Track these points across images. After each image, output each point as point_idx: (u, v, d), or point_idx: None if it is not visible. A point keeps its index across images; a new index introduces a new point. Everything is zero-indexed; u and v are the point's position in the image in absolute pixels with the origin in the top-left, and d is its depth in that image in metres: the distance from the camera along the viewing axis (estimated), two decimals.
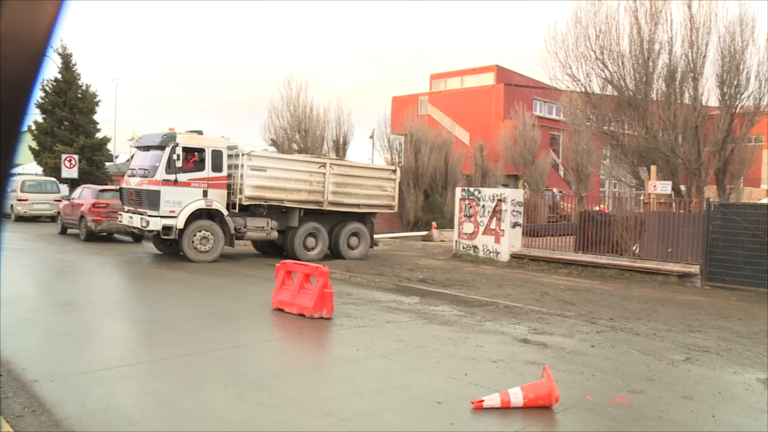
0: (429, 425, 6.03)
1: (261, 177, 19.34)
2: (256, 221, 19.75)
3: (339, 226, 21.36)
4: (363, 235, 21.93)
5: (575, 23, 23.37)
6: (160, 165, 18.13)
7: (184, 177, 18.29)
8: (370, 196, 21.79)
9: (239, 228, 19.33)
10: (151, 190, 18.22)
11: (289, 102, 36.58)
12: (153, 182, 18.21)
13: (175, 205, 18.20)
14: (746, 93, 21.85)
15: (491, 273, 18.57)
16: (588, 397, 6.97)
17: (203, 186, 18.70)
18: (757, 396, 7.37)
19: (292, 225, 20.38)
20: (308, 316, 10.90)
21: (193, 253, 18.59)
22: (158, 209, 18.05)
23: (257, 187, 19.26)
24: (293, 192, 19.96)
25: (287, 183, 19.84)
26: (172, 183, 18.10)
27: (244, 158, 19.06)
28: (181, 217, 18.24)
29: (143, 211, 18.47)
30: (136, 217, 18.72)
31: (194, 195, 18.54)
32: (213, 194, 18.86)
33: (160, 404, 6.36)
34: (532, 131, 39.98)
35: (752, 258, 16.38)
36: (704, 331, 11.14)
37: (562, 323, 11.45)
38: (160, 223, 18.02)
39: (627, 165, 24.45)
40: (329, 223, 21.21)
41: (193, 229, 18.58)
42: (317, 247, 20.82)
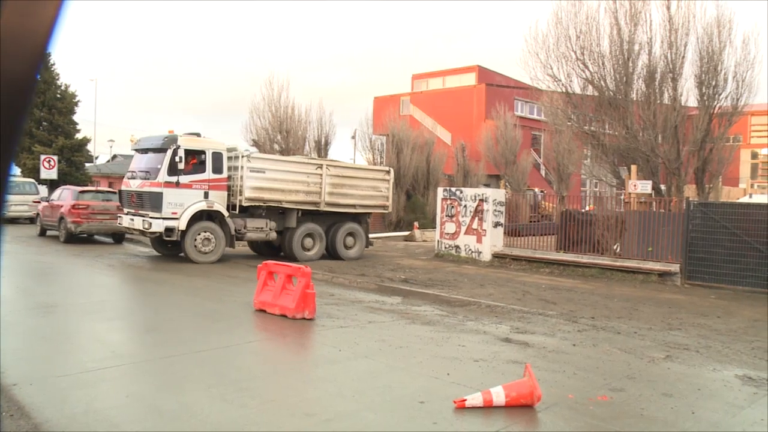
0: (412, 425, 6.03)
1: (260, 178, 19.55)
2: (256, 222, 19.97)
3: (335, 226, 21.62)
4: (359, 234, 22.23)
5: (556, 24, 23.49)
6: (162, 167, 18.28)
7: (185, 179, 18.45)
8: (365, 197, 22.15)
9: (239, 229, 19.53)
10: (154, 192, 18.35)
11: (270, 102, 36.48)
12: (155, 184, 18.35)
13: (177, 207, 18.36)
14: (724, 93, 22.08)
15: (473, 273, 18.62)
16: (570, 396, 7.01)
17: (204, 188, 18.86)
18: (736, 392, 7.44)
19: (290, 226, 20.63)
20: (290, 316, 10.87)
21: (195, 255, 18.73)
22: (160, 211, 18.20)
23: (257, 189, 19.47)
24: (291, 193, 20.23)
25: (285, 184, 20.09)
26: (174, 185, 18.26)
27: (243, 160, 19.28)
28: (183, 218, 18.40)
29: (145, 213, 18.63)
30: (137, 219, 18.85)
31: (196, 197, 18.72)
32: (214, 196, 19.04)
33: (142, 406, 6.32)
34: (514, 131, 40.12)
35: (731, 256, 16.54)
36: (684, 329, 11.23)
37: (543, 322, 11.50)
38: (163, 224, 18.16)
39: (608, 164, 24.60)
40: (326, 223, 21.48)
41: (195, 231, 18.75)
42: (315, 247, 21.11)
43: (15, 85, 1.26)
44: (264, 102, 36.58)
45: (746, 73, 21.86)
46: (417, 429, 5.94)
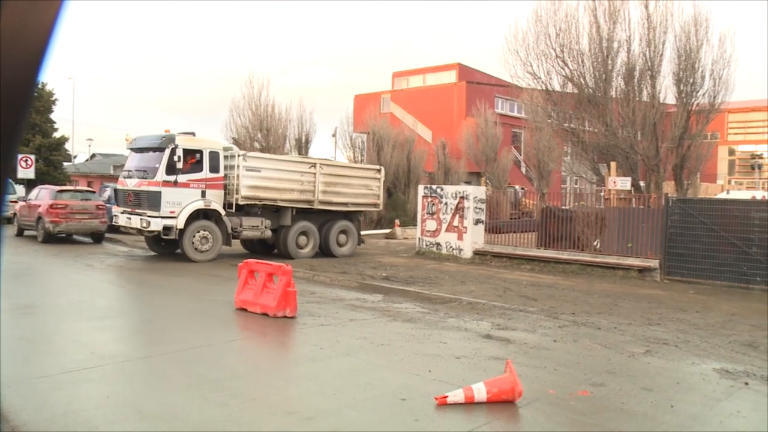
0: (393, 422, 6.03)
1: (256, 177, 19.77)
2: (251, 220, 20.16)
3: (328, 224, 21.90)
4: (351, 232, 22.57)
5: (536, 21, 23.58)
6: (160, 166, 18.37)
7: (183, 178, 18.58)
8: (357, 195, 22.50)
9: (236, 227, 19.72)
10: (152, 191, 18.44)
11: (250, 101, 36.41)
12: (153, 183, 18.44)
13: (175, 206, 18.47)
14: (702, 91, 22.29)
15: (454, 270, 18.65)
16: (551, 391, 7.04)
17: (201, 187, 19.03)
18: (713, 386, 7.52)
19: (284, 224, 20.86)
20: (271, 315, 10.84)
21: (193, 253, 18.86)
22: (159, 210, 18.30)
23: (252, 188, 19.69)
24: (286, 192, 20.49)
25: (280, 183, 20.36)
26: (172, 184, 18.38)
27: (239, 159, 19.52)
28: (181, 217, 18.51)
29: (143, 211, 18.68)
30: (134, 218, 18.93)
31: (193, 195, 18.85)
32: (211, 194, 19.22)
33: (123, 407, 6.27)
34: (494, 129, 40.22)
35: (709, 252, 16.70)
36: (663, 324, 11.32)
37: (524, 319, 11.55)
38: (161, 223, 18.27)
39: (588, 161, 24.75)
40: (319, 221, 21.74)
41: (193, 229, 18.89)
42: (309, 245, 21.39)
43: (15, 85, 1.25)
44: (244, 100, 36.53)
45: (723, 71, 22.09)
46: (398, 426, 5.94)
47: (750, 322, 11.86)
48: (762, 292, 15.53)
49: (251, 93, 36.43)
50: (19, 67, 1.24)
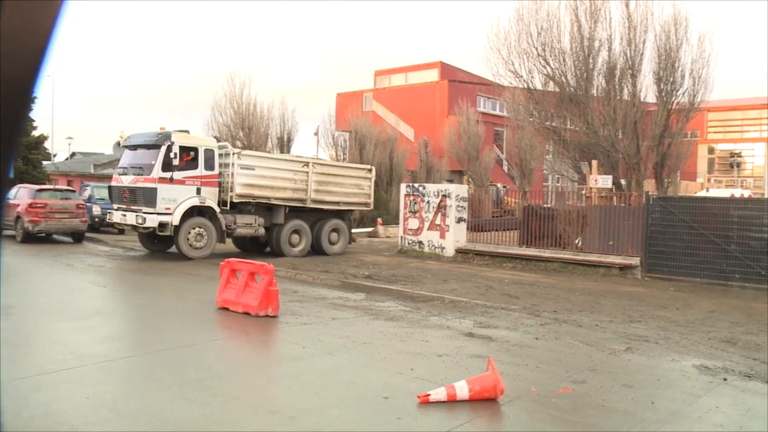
0: (376, 420, 6.03)
1: (250, 175, 19.97)
2: (245, 218, 20.36)
3: (320, 223, 22.20)
4: (342, 231, 22.91)
5: (517, 20, 23.70)
6: (156, 163, 18.48)
7: (179, 175, 18.71)
8: (348, 194, 22.80)
9: (229, 225, 19.91)
10: (148, 188, 18.54)
11: (232, 99, 36.31)
12: (149, 180, 18.55)
13: (170, 203, 18.58)
14: (681, 90, 22.51)
15: (437, 268, 18.68)
16: (533, 389, 7.07)
17: (197, 184, 19.16)
18: (693, 382, 7.58)
19: (277, 222, 21.11)
20: (253, 314, 10.80)
21: (188, 250, 19.01)
22: (155, 206, 18.40)
23: (247, 185, 19.88)
24: (279, 190, 20.73)
25: (274, 181, 20.57)
26: (167, 181, 18.51)
27: (234, 157, 19.69)
28: (176, 214, 18.63)
29: (138, 208, 18.79)
30: (130, 214, 18.98)
31: (188, 192, 18.98)
32: (206, 192, 19.34)
33: (103, 407, 6.21)
34: (476, 127, 40.29)
35: (689, 249, 16.84)
36: (644, 321, 11.41)
37: (506, 317, 11.58)
38: (157, 220, 18.38)
39: (569, 160, 24.89)
40: (311, 220, 21.97)
41: (189, 226, 19.04)
42: (301, 243, 21.64)
43: (15, 85, 1.25)
44: (226, 99, 36.43)
45: (702, 70, 22.33)
46: (381, 424, 5.94)
47: (729, 318, 11.97)
48: (741, 289, 15.70)
49: (233, 91, 36.36)
50: (19, 68, 1.24)
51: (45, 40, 1.26)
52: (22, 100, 1.28)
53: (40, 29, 1.25)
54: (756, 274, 15.92)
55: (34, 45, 1.25)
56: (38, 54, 1.26)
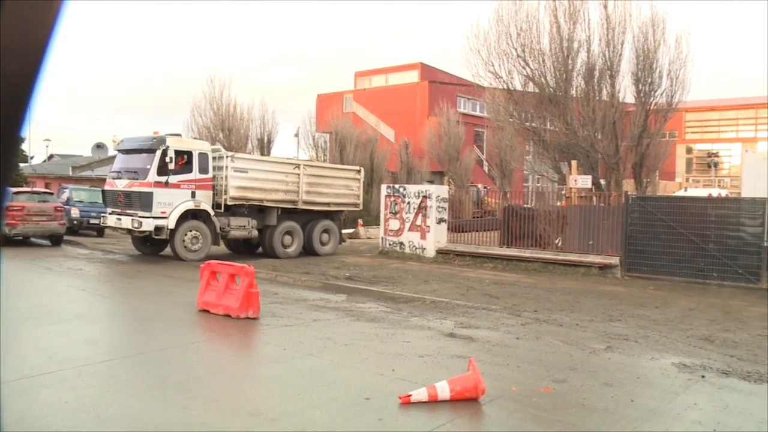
0: (357, 421, 6.03)
1: (243, 178, 20.20)
2: (239, 221, 20.58)
3: (311, 223, 22.54)
4: (333, 231, 23.31)
5: (497, 21, 23.76)
6: (151, 167, 18.60)
7: (174, 179, 18.86)
8: (338, 195, 23.19)
9: (224, 227, 20.11)
10: (144, 192, 18.65)
11: (212, 100, 36.13)
12: (145, 184, 18.66)
13: (166, 206, 18.73)
14: (659, 90, 22.70)
15: (417, 269, 18.70)
16: (513, 388, 7.09)
17: (191, 187, 19.33)
18: (672, 379, 7.65)
19: (269, 224, 21.37)
20: (234, 316, 10.76)
21: (184, 252, 19.12)
22: (150, 210, 18.55)
23: (240, 188, 20.12)
24: (272, 192, 21.00)
25: (266, 183, 20.85)
26: (163, 185, 18.64)
27: (227, 160, 19.89)
28: (172, 217, 18.77)
29: (134, 212, 18.90)
30: (125, 218, 19.14)
31: (183, 196, 19.15)
32: (200, 195, 19.55)
33: (82, 412, 6.15)
34: (457, 128, 40.34)
35: (668, 248, 16.99)
36: (624, 320, 11.49)
37: (487, 317, 11.62)
38: (153, 223, 18.52)
39: (549, 160, 25.01)
40: (302, 221, 22.29)
41: (184, 230, 19.18)
42: (294, 244, 21.96)
43: (15, 85, 1.25)
44: (205, 100, 36.25)
45: (679, 71, 22.53)
46: (362, 425, 5.93)
47: (707, 316, 12.10)
48: (718, 288, 15.86)
49: (213, 92, 36.20)
50: (19, 68, 1.24)
51: (45, 39, 1.26)
52: (22, 100, 1.28)
53: (41, 29, 1.25)
54: (733, 273, 16.10)
55: (35, 45, 1.25)
56: (39, 54, 1.26)
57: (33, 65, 1.26)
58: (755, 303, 13.94)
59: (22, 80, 1.26)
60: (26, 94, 1.28)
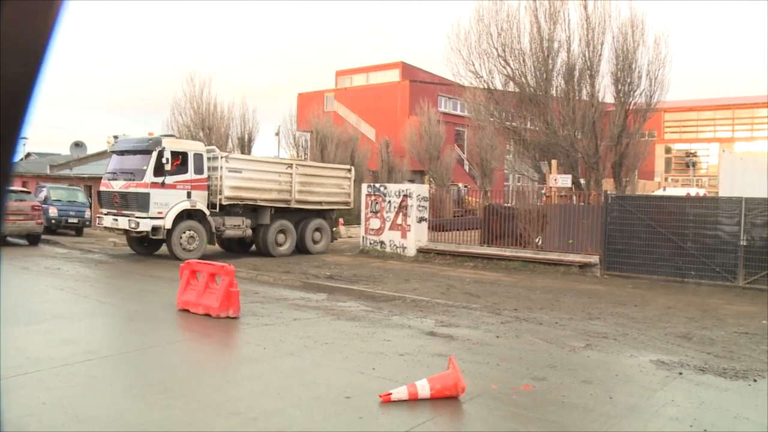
0: (337, 420, 6.03)
1: (238, 178, 20.55)
2: (233, 220, 20.94)
3: (303, 222, 22.90)
4: (325, 230, 23.66)
5: (478, 21, 23.82)
6: (148, 168, 18.82)
7: (170, 179, 19.08)
8: (330, 194, 23.54)
9: (219, 227, 20.45)
10: (141, 193, 18.87)
11: (192, 99, 35.89)
12: (141, 185, 18.88)
13: (162, 207, 18.97)
14: (639, 90, 22.85)
15: (398, 268, 18.73)
16: (493, 386, 7.12)
17: (187, 188, 19.58)
18: (650, 377, 7.72)
19: (263, 223, 21.71)
20: (214, 316, 10.72)
21: (181, 252, 19.20)
22: (147, 211, 18.78)
23: (235, 188, 20.45)
24: (265, 191, 21.35)
25: (260, 183, 21.21)
26: (159, 185, 18.90)
27: (222, 161, 20.21)
28: (168, 217, 19.01)
29: (130, 213, 19.10)
30: (122, 219, 19.30)
31: (179, 196, 19.38)
32: (196, 195, 19.80)
33: (60, 413, 6.09)
34: (437, 127, 40.31)
35: (647, 247, 17.13)
36: (603, 319, 11.57)
37: (467, 315, 11.65)
38: (150, 224, 18.74)
39: (529, 159, 25.10)
40: (295, 220, 22.65)
41: (181, 230, 19.46)
42: (287, 242, 22.36)
43: (15, 86, 1.25)
44: (186, 98, 36.00)
45: (658, 71, 22.69)
46: (343, 424, 5.94)
47: (685, 314, 12.21)
48: (696, 286, 16.03)
49: (193, 91, 35.96)
50: (19, 68, 1.24)
51: (45, 39, 1.26)
52: (22, 101, 1.28)
53: (41, 29, 1.25)
54: (711, 271, 16.26)
55: (35, 45, 1.25)
56: (39, 54, 1.26)
57: (33, 66, 1.27)
58: (732, 301, 14.11)
59: (23, 81, 1.26)
60: (26, 95, 1.28)
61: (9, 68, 1.22)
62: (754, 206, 16.00)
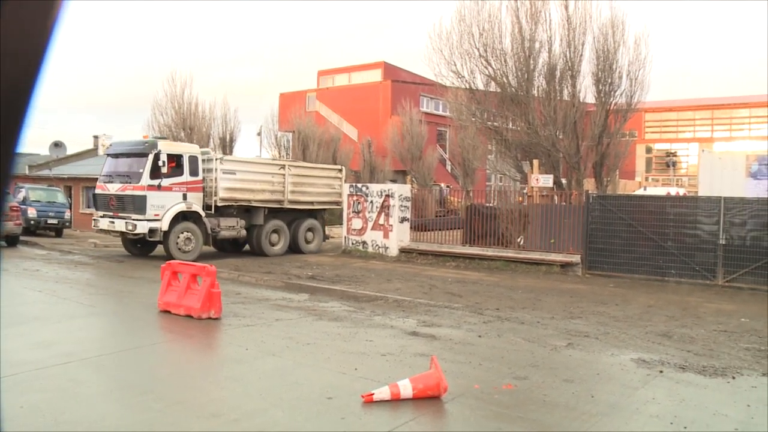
0: (320, 421, 6.01)
1: (232, 180, 20.80)
2: (228, 221, 21.16)
3: (296, 222, 23.15)
4: (317, 230, 24.01)
5: (459, 21, 23.85)
6: (144, 171, 18.99)
7: (166, 182, 19.29)
8: (321, 194, 23.81)
9: (214, 228, 20.66)
10: (138, 195, 19.01)
11: (173, 99, 35.69)
12: (138, 188, 19.02)
13: (159, 209, 19.16)
14: (619, 91, 22.97)
15: (380, 268, 18.72)
16: (475, 386, 7.13)
17: (183, 190, 19.77)
18: (631, 375, 7.77)
19: (257, 223, 22.00)
20: (196, 317, 10.66)
21: (177, 253, 19.22)
22: (144, 213, 18.94)
23: (229, 189, 20.70)
24: (259, 192, 21.64)
25: (254, 184, 21.49)
26: (156, 188, 19.07)
27: (216, 162, 20.52)
28: (165, 219, 19.19)
29: (127, 215, 19.23)
30: (118, 221, 19.44)
31: (175, 198, 19.58)
32: (191, 197, 20.00)
33: (38, 417, 6.01)
34: (419, 127, 40.34)
35: (628, 246, 17.23)
36: (585, 318, 11.62)
37: (450, 315, 11.67)
38: (147, 226, 18.92)
39: (511, 159, 25.17)
40: (288, 220, 22.90)
41: (177, 231, 19.57)
42: (280, 242, 22.66)
43: (15, 86, 1.24)
44: (167, 98, 35.78)
45: (638, 71, 22.83)
46: (325, 425, 5.92)
47: (665, 313, 12.30)
48: (676, 284, 16.15)
49: (174, 91, 35.75)
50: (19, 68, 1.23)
51: (46, 39, 1.25)
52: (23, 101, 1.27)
53: (41, 29, 1.24)
54: (690, 270, 16.39)
55: (35, 45, 1.24)
56: (39, 54, 1.25)
57: (33, 66, 1.25)
58: (711, 299, 14.23)
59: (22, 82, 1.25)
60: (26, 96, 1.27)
61: (9, 69, 1.21)
62: (732, 205, 16.16)
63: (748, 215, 15.96)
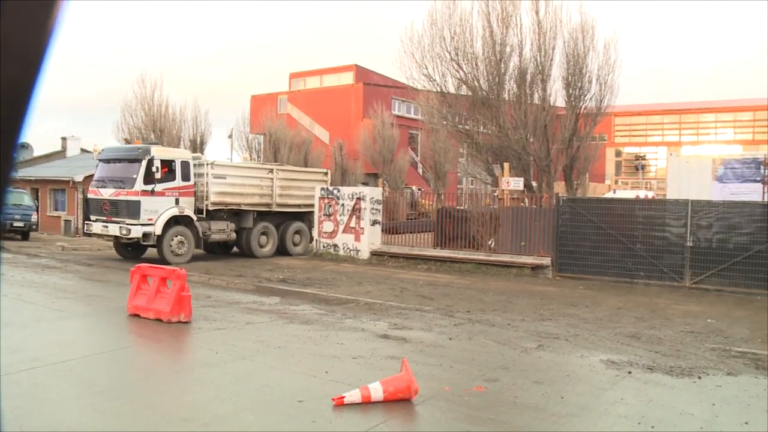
0: (290, 424, 6.00)
1: (223, 184, 21.22)
2: (219, 224, 21.53)
3: (284, 225, 23.63)
4: (304, 232, 24.39)
5: (431, 24, 23.93)
6: (138, 176, 19.26)
7: (159, 187, 19.57)
8: (307, 197, 23.81)
9: (205, 231, 21.02)
10: (131, 201, 19.28)
11: (143, 100, 35.38)
12: (132, 193, 19.31)
13: (152, 214, 19.41)
14: (589, 95, 23.23)
15: (352, 271, 18.70)
16: (446, 388, 7.16)
17: (175, 194, 20.10)
18: (600, 376, 7.85)
19: (246, 226, 22.38)
20: (166, 320, 10.58)
21: (171, 257, 19.59)
22: (138, 218, 19.19)
23: (220, 193, 21.10)
24: (248, 196, 22.11)
25: (244, 188, 21.97)
26: (149, 193, 19.35)
27: (207, 167, 20.88)
28: (158, 224, 19.46)
29: (121, 220, 19.47)
30: (112, 226, 19.61)
31: (168, 203, 19.88)
32: (183, 202, 20.29)
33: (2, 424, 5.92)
34: (391, 130, 40.37)
35: (597, 249, 17.40)
36: (555, 320, 11.71)
37: (421, 318, 11.69)
38: (141, 230, 19.16)
39: (482, 162, 25.30)
40: (276, 222, 23.36)
41: (170, 235, 19.86)
42: (269, 244, 23.11)
43: (15, 86, 1.22)
44: (137, 100, 35.46)
45: (608, 76, 23.12)
46: (296, 428, 5.91)
47: (634, 314, 12.44)
48: (645, 286, 16.33)
49: (144, 92, 35.45)
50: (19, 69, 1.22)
51: (46, 39, 1.24)
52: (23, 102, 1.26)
53: (41, 29, 1.23)
54: (659, 272, 16.60)
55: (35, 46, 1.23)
56: (39, 54, 1.24)
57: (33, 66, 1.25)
58: (679, 301, 14.42)
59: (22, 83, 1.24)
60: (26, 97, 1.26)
61: (8, 70, 1.20)
62: (699, 208, 16.39)
63: (715, 218, 16.20)
